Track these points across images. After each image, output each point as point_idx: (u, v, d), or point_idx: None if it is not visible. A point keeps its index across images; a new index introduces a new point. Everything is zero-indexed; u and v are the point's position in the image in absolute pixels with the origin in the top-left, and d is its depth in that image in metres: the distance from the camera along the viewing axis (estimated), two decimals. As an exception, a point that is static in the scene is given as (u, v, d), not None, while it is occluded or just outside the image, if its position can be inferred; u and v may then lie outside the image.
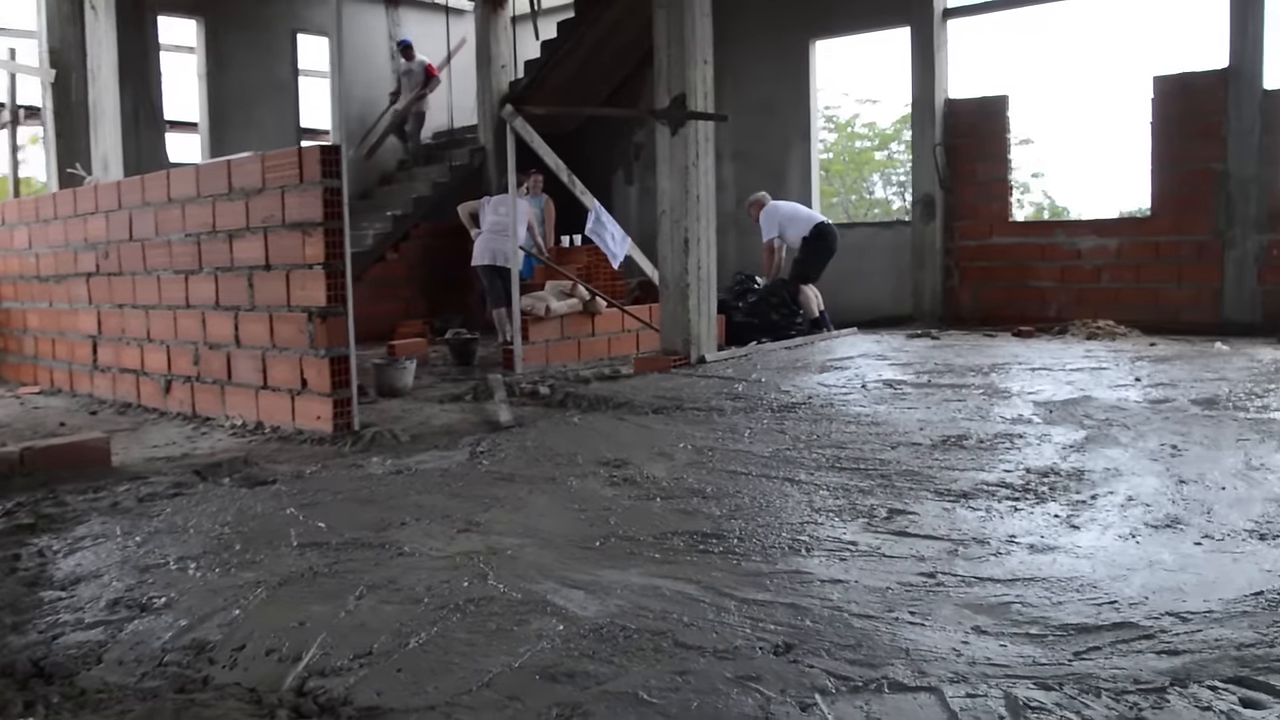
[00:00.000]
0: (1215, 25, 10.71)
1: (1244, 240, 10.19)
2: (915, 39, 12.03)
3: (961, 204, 11.80)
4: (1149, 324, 10.02)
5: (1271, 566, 2.92)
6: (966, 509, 3.63)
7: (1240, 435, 4.69)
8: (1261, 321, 9.82)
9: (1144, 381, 6.36)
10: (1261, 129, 10.18)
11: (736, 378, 7.02)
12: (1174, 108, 10.65)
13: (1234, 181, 10.24)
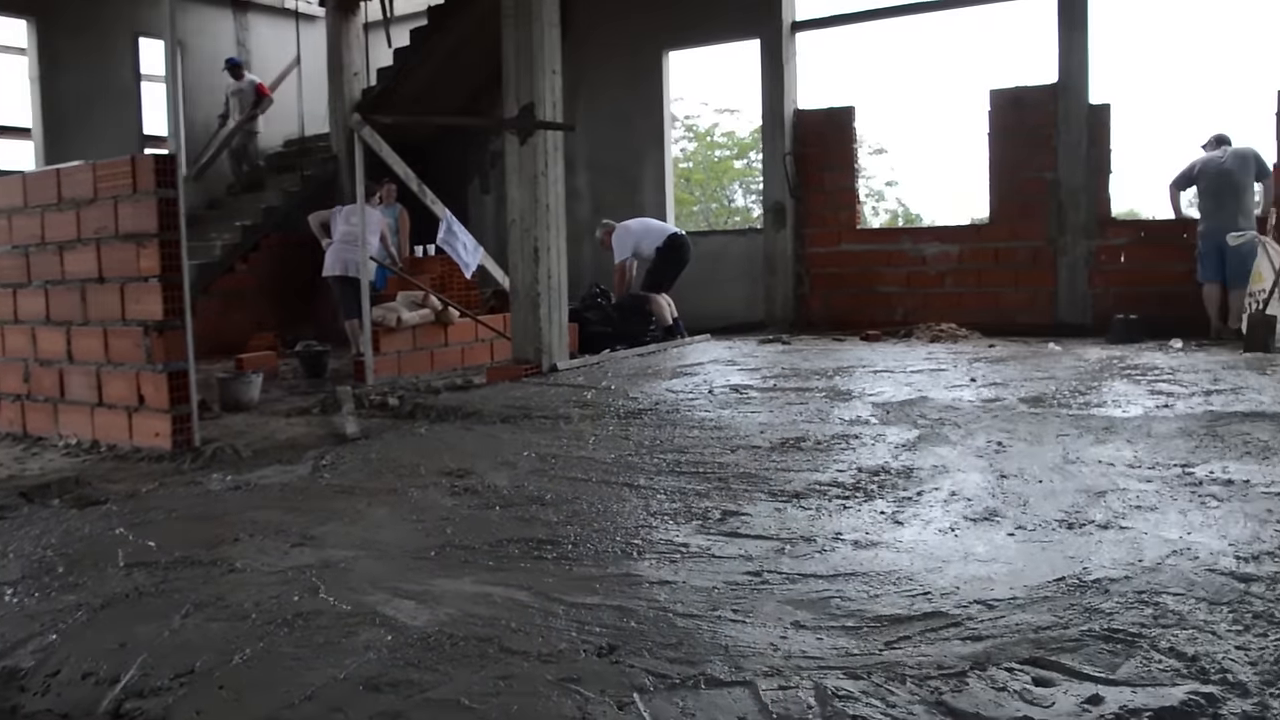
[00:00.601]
0: (1045, 43, 11.22)
1: (1075, 246, 10.69)
2: (765, 51, 12.29)
3: (811, 212, 12.09)
4: (989, 326, 10.43)
5: (1075, 553, 3.07)
6: (798, 508, 3.73)
7: (1061, 431, 4.93)
8: (1092, 323, 10.31)
9: (978, 382, 6.62)
10: (1089, 141, 10.70)
11: (586, 385, 7.06)
12: (1009, 120, 11.12)
13: (1065, 190, 10.73)
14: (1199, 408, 5.45)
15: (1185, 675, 2.23)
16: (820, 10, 12.87)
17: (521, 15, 8.10)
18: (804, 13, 12.59)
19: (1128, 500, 3.66)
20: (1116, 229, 10.77)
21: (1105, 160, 10.76)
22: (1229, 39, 36.13)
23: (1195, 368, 7.09)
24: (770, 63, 12.26)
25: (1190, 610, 2.59)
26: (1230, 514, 3.44)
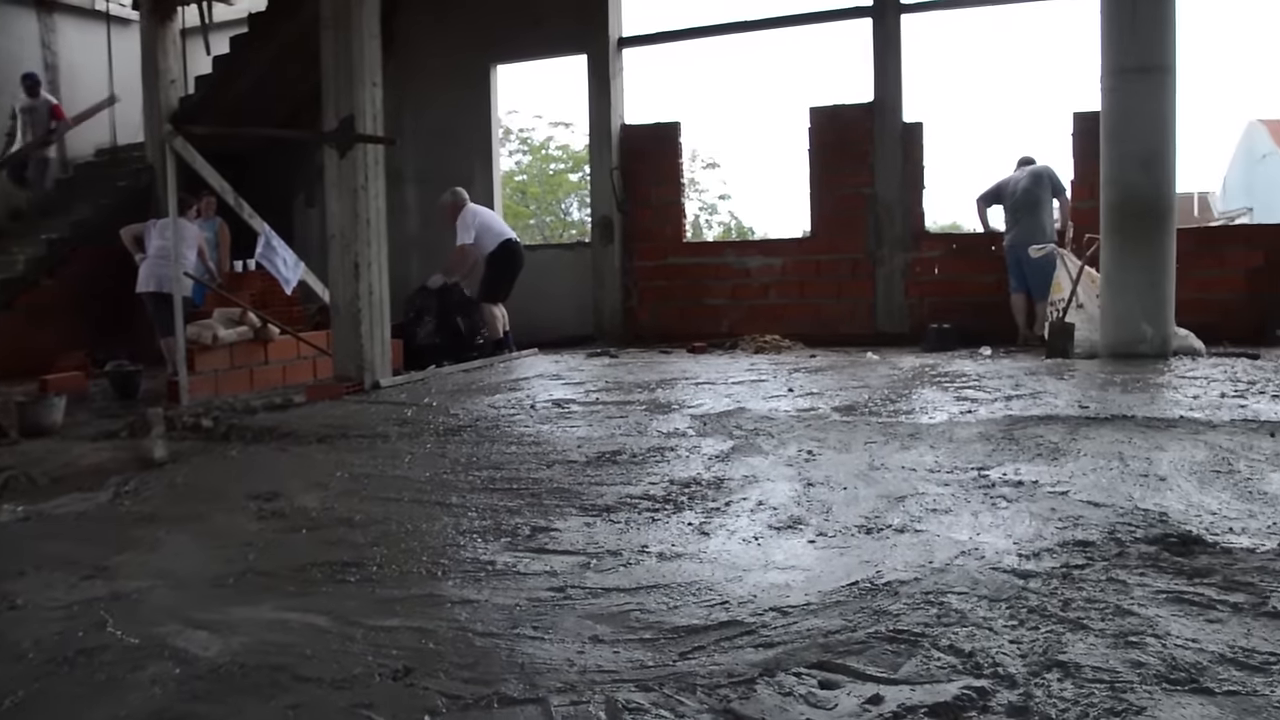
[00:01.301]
0: (862, 63, 11.62)
1: (892, 258, 11.08)
2: (592, 66, 12.37)
3: (639, 226, 12.22)
4: (812, 337, 10.71)
5: (870, 558, 3.18)
6: (607, 523, 3.75)
7: (869, 439, 5.09)
8: (909, 331, 10.70)
9: (795, 392, 6.79)
10: (903, 157, 11.11)
11: (408, 403, 6.97)
12: (828, 137, 11.46)
13: (881, 205, 11.12)
14: (999, 413, 5.71)
15: (961, 671, 2.32)
16: (647, 27, 13.06)
17: (340, 25, 7.96)
18: (631, 29, 12.73)
19: (925, 504, 3.80)
20: (931, 242, 11.21)
21: (919, 176, 11.20)
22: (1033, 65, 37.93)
23: (1000, 374, 7.42)
24: (597, 78, 12.35)
25: (972, 608, 2.71)
26: (1017, 514, 3.61)
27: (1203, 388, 6.54)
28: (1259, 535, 3.29)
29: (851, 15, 11.83)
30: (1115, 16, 8.72)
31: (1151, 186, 8.45)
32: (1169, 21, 8.65)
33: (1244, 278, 10.53)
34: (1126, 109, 8.60)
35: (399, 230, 11.73)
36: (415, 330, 10.08)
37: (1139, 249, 8.42)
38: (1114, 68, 8.70)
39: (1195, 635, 2.49)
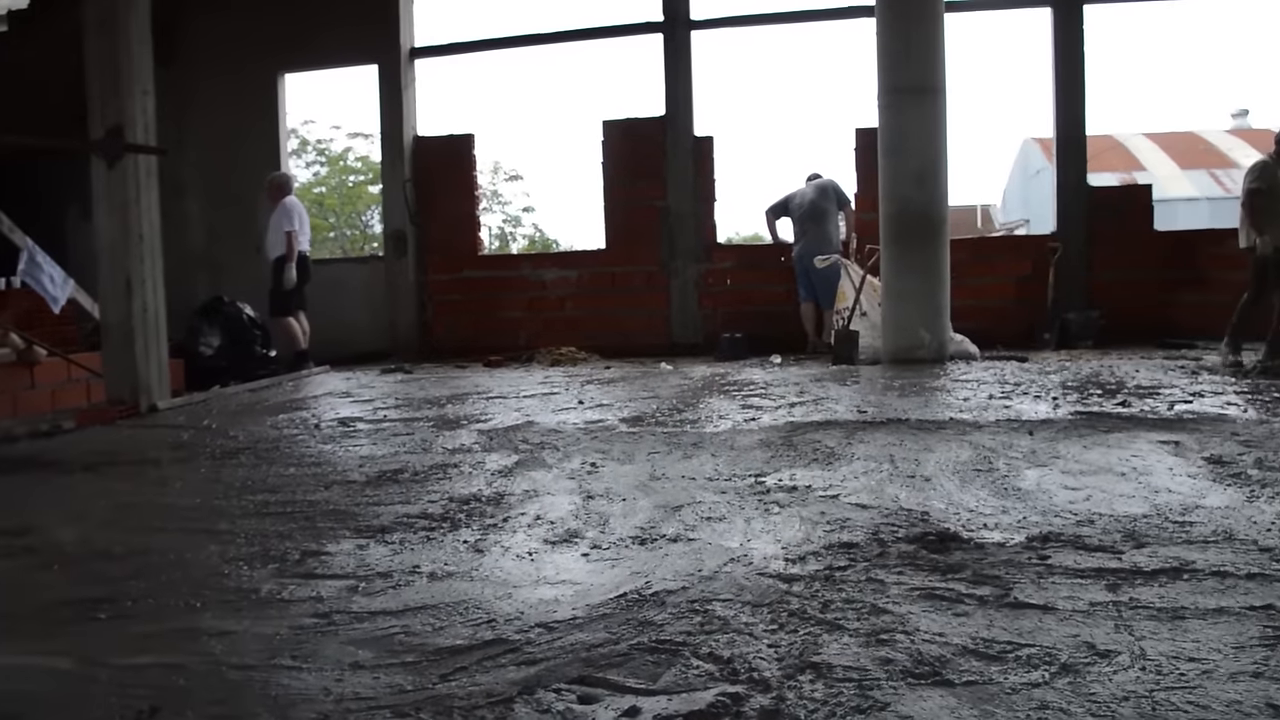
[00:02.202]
0: (654, 77, 11.80)
1: (685, 270, 11.27)
2: (383, 76, 12.17)
3: (433, 239, 12.07)
4: (609, 348, 10.79)
5: (641, 568, 3.19)
6: (381, 544, 3.66)
7: (653, 449, 5.13)
8: (703, 342, 10.90)
9: (585, 404, 6.81)
10: (695, 170, 11.33)
11: (185, 425, 6.67)
12: (622, 150, 11.58)
13: (674, 217, 11.30)
14: (781, 420, 5.86)
15: (718, 678, 2.34)
16: (442, 38, 12.93)
17: (106, 29, 7.55)
18: (423, 39, 12.58)
19: (700, 513, 3.85)
20: (723, 253, 11.47)
21: (710, 189, 11.44)
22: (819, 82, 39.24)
23: (787, 381, 7.62)
24: (389, 89, 12.16)
25: (735, 615, 2.74)
26: (788, 519, 3.69)
27: (973, 390, 6.87)
28: (1010, 530, 3.46)
29: (643, 30, 12.00)
30: (890, 40, 9.12)
31: (926, 200, 8.85)
32: (939, 46, 9.09)
33: (1014, 285, 11.16)
34: (901, 126, 8.99)
35: (182, 245, 11.26)
36: (199, 349, 9.66)
37: (916, 259, 8.81)
38: (890, 87, 9.09)
39: (942, 629, 2.58)
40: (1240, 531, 3.44)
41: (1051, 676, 2.31)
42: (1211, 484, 4.16)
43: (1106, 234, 11.19)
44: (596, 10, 17.52)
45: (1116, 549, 3.24)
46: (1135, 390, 6.80)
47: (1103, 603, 2.77)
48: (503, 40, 12.83)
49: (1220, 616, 2.67)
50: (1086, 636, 2.53)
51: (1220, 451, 4.76)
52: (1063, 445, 4.93)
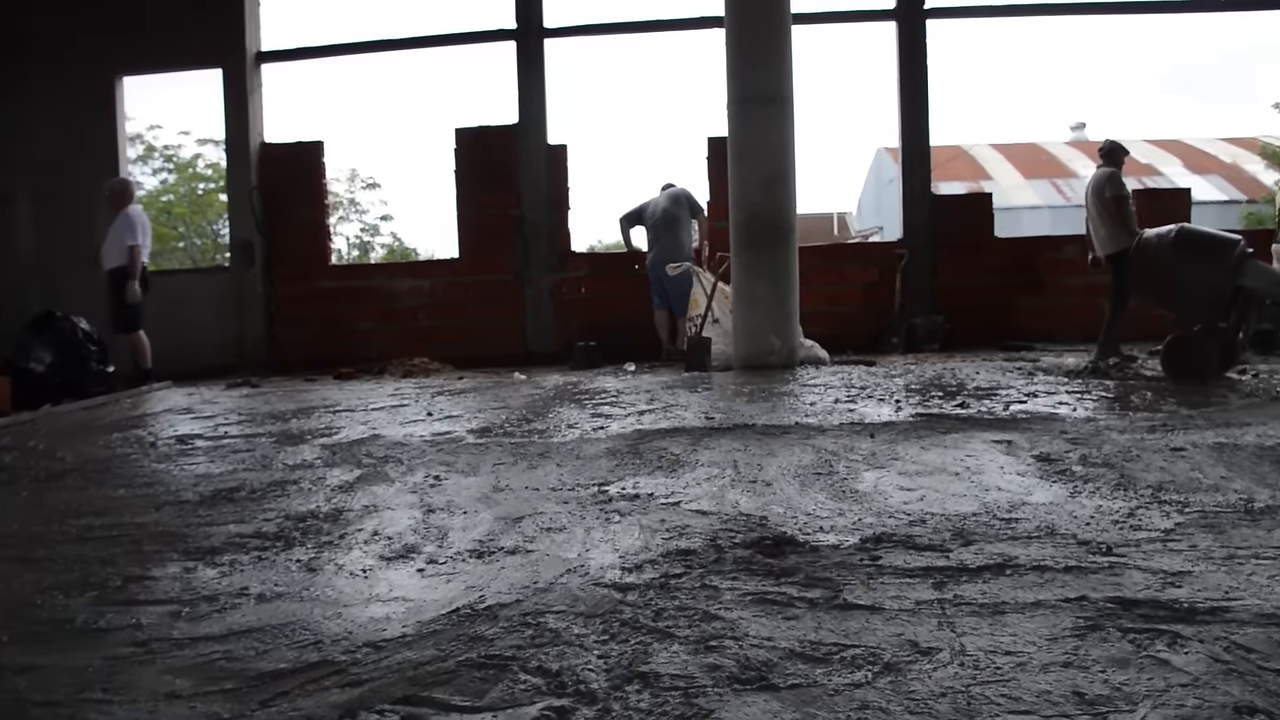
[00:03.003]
0: (507, 85, 11.75)
1: (540, 279, 11.24)
2: (228, 81, 11.85)
3: (282, 249, 11.78)
4: (463, 359, 10.67)
5: (476, 582, 3.14)
6: (210, 566, 3.53)
7: (499, 460, 5.08)
8: (558, 350, 10.88)
9: (434, 416, 6.71)
10: (548, 179, 11.30)
11: (11, 447, 6.35)
12: (475, 158, 11.49)
13: (528, 226, 11.26)
14: (630, 427, 5.86)
15: (544, 692, 2.32)
16: (289, 42, 12.64)
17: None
18: (270, 43, 12.28)
19: (541, 523, 3.82)
20: (577, 261, 11.46)
21: (564, 197, 11.43)
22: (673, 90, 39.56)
23: (639, 389, 7.64)
24: (234, 93, 11.84)
25: (567, 626, 2.72)
26: (628, 528, 3.69)
27: (820, 395, 6.99)
28: (844, 532, 3.52)
29: (496, 38, 11.94)
30: (739, 50, 9.24)
31: (775, 207, 9.00)
32: (786, 57, 9.26)
33: (863, 291, 11.43)
34: (750, 135, 9.12)
35: (10, 256, 10.75)
36: (29, 366, 9.21)
37: (766, 265, 8.94)
38: (739, 96, 9.21)
39: (771, 634, 2.61)
40: (1062, 526, 3.57)
41: (874, 676, 2.35)
42: (1039, 481, 4.32)
43: (950, 241, 11.56)
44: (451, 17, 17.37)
45: (945, 548, 3.33)
46: (974, 392, 7.02)
47: (928, 601, 2.83)
48: (354, 46, 12.62)
49: (1038, 610, 2.76)
50: (910, 635, 2.58)
51: (1049, 450, 4.94)
52: (901, 447, 5.05)
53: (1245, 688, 2.26)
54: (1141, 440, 5.19)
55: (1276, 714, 2.14)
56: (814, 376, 8.07)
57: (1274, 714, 2.14)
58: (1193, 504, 3.89)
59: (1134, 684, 2.29)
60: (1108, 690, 2.25)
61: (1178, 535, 3.47)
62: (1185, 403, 6.57)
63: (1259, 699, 2.21)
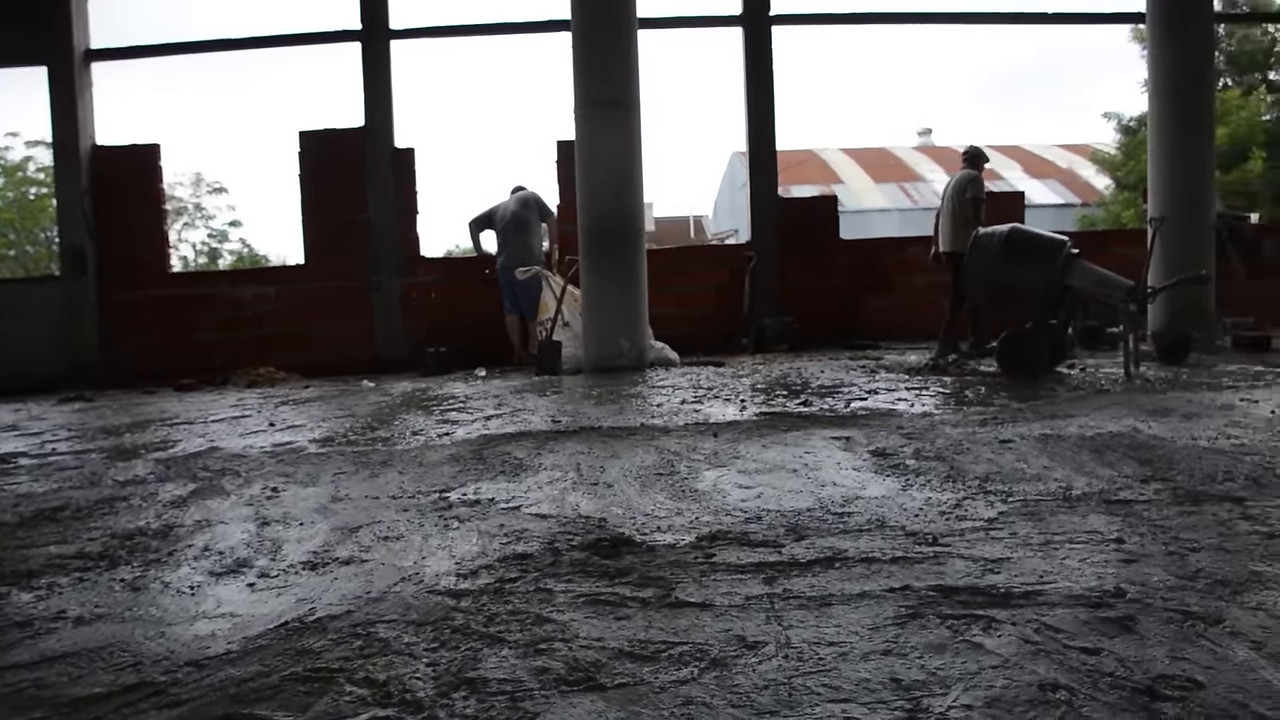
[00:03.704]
0: (353, 87, 11.53)
1: (389, 284, 11.08)
2: (54, 79, 11.36)
3: (117, 255, 11.36)
4: (311, 367, 10.45)
5: (308, 595, 3.08)
6: (25, 591, 3.37)
7: (340, 469, 4.99)
8: (409, 357, 10.73)
9: (277, 426, 6.56)
10: (396, 183, 11.15)
11: None
12: (320, 161, 11.27)
13: (377, 231, 11.08)
14: (476, 433, 5.83)
15: (370, 703, 2.29)
16: (119, 39, 12.17)
17: None
18: (100, 41, 11.81)
19: (379, 532, 3.76)
20: (427, 266, 11.33)
21: (412, 201, 11.30)
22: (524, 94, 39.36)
23: (488, 394, 7.61)
24: (61, 93, 11.36)
25: (398, 635, 2.69)
26: (467, 534, 3.66)
27: (667, 396, 7.07)
28: (681, 531, 3.57)
29: (340, 38, 11.73)
30: (585, 54, 9.27)
31: (622, 211, 9.06)
32: (633, 61, 9.33)
33: (714, 293, 11.59)
34: (598, 140, 9.17)
35: None
36: None
37: (614, 269, 8.99)
38: (585, 100, 9.25)
39: (602, 634, 2.62)
40: (892, 519, 3.68)
41: (700, 672, 2.38)
42: (873, 476, 4.45)
43: (798, 243, 11.81)
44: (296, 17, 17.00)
45: (779, 543, 3.40)
46: (817, 390, 7.19)
47: (758, 596, 2.89)
48: (191, 45, 12.24)
49: (862, 600, 2.84)
50: (739, 630, 2.63)
51: (885, 445, 5.09)
52: (743, 446, 5.14)
53: (1051, 666, 2.37)
54: (973, 434, 5.39)
55: (1077, 689, 2.25)
56: (663, 378, 8.15)
57: (1075, 689, 2.25)
58: (1016, 493, 4.06)
59: (949, 668, 2.38)
60: (924, 675, 2.33)
61: (1000, 524, 3.61)
62: (1016, 397, 6.86)
63: (1062, 676, 2.32)
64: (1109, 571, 3.05)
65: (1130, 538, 3.41)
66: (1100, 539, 3.40)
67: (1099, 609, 2.74)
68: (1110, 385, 7.38)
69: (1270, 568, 3.08)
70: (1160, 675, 2.33)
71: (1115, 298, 8.04)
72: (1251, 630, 2.58)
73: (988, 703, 2.19)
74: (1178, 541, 3.37)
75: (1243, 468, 4.45)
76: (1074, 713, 2.15)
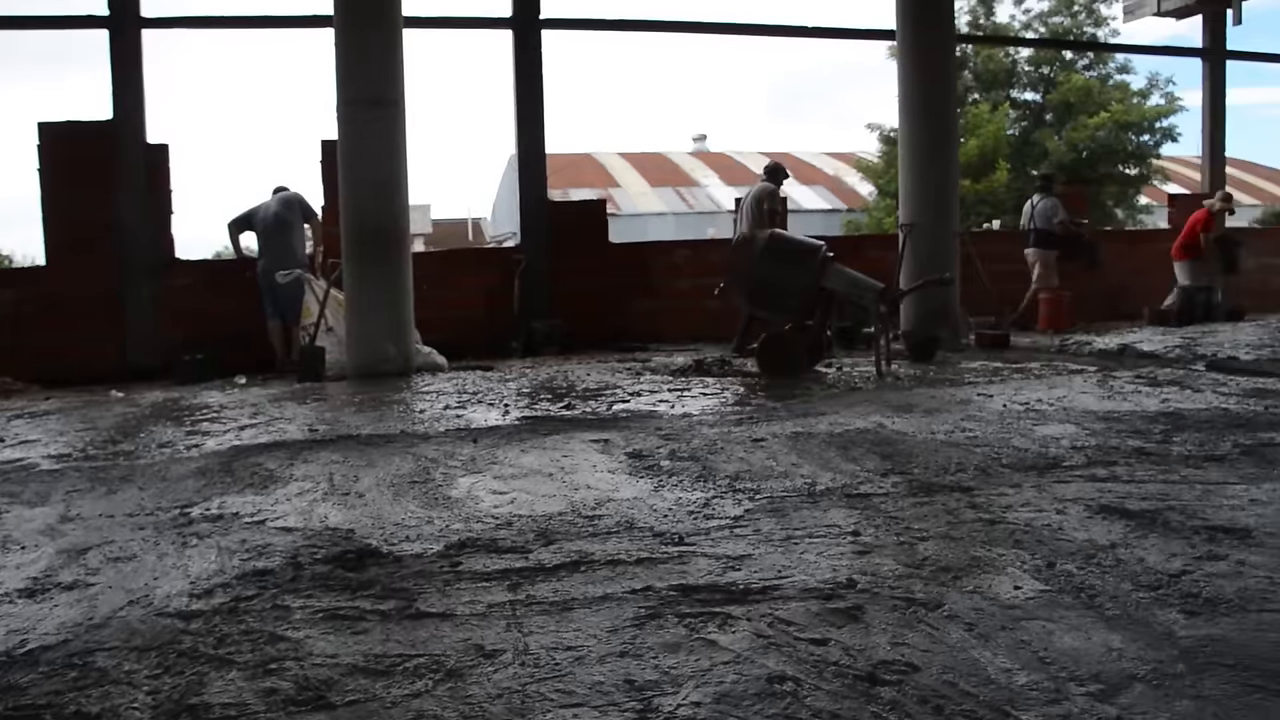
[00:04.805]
0: (102, 79, 10.88)
1: (141, 288, 10.50)
2: None
3: None
4: (54, 377, 9.77)
5: (20, 625, 2.85)
6: None
7: (73, 487, 4.69)
8: (163, 365, 10.18)
9: (6, 442, 6.12)
10: (148, 181, 10.59)
11: None
12: (64, 157, 10.57)
13: (128, 231, 10.49)
14: (227, 444, 5.61)
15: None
16: None
17: None
18: None
19: (110, 553, 3.56)
20: (183, 270, 10.83)
21: (166, 200, 10.77)
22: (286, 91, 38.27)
23: (245, 403, 7.33)
24: None
25: (118, 664, 2.55)
26: (205, 551, 3.51)
27: (431, 402, 6.99)
28: (430, 540, 3.52)
29: (87, 24, 11.03)
30: (348, 50, 9.06)
31: (386, 212, 8.90)
32: (398, 59, 9.17)
33: (484, 296, 11.52)
34: (361, 139, 8.97)
35: None
36: None
37: (378, 272, 8.82)
38: (348, 99, 9.03)
39: (336, 650, 2.56)
40: (641, 520, 3.75)
41: (435, 684, 2.37)
42: (627, 478, 4.52)
43: (568, 246, 11.87)
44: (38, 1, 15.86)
45: (527, 549, 3.41)
46: (582, 393, 7.25)
47: (501, 603, 2.89)
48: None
49: (604, 603, 2.88)
50: (478, 639, 2.62)
51: (642, 446, 5.18)
52: (502, 451, 5.13)
53: (781, 659, 2.46)
54: (728, 433, 5.55)
55: (803, 680, 2.35)
56: (429, 384, 8.05)
57: (801, 680, 2.35)
58: (763, 491, 4.20)
59: (682, 666, 2.44)
60: (657, 675, 2.38)
61: (745, 521, 3.73)
62: (773, 396, 7.10)
63: (790, 667, 2.41)
64: (843, 564, 3.20)
65: (866, 530, 3.58)
66: (838, 532, 3.56)
67: (830, 600, 2.87)
68: (863, 383, 7.74)
69: (988, 552, 3.30)
70: (881, 661, 2.46)
71: (867, 299, 8.42)
72: (967, 613, 2.76)
73: (716, 698, 2.26)
74: (909, 531, 3.57)
75: (973, 459, 4.75)
76: (798, 703, 2.24)
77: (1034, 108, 26.77)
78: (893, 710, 2.20)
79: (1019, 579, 3.01)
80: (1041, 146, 25.05)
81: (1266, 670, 2.36)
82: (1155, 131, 25.64)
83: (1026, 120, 26.43)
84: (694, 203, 37.08)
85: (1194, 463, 4.59)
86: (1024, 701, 2.22)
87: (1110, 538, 3.41)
